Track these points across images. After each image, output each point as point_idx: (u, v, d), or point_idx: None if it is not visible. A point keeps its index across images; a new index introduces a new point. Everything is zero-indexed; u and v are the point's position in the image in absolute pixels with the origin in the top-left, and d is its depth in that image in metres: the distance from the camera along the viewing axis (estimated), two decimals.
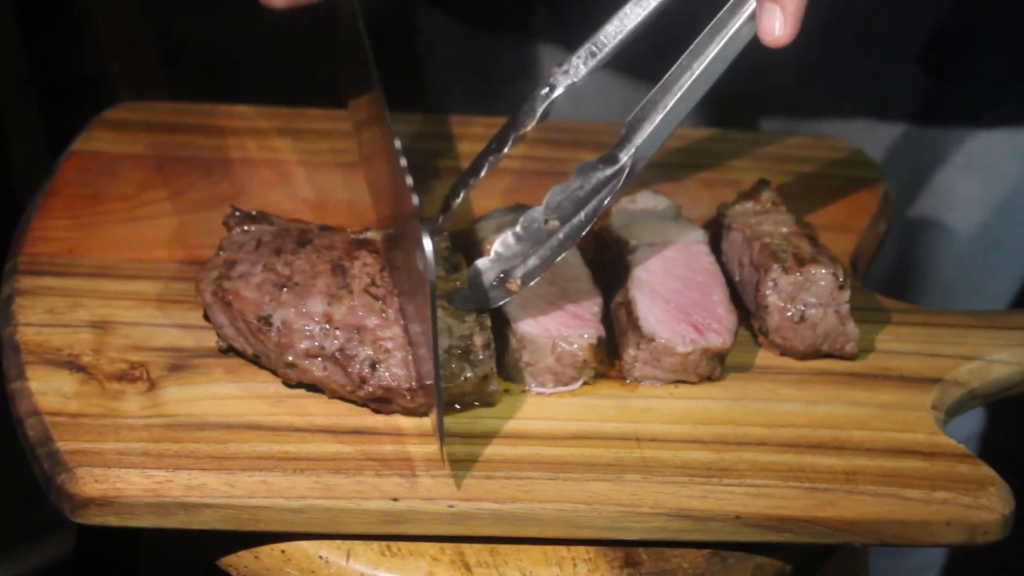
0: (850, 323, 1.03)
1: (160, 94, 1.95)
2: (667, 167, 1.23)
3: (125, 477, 0.90)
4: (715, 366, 1.01)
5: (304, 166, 1.18)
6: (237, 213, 1.05)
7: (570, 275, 1.04)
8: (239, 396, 0.97)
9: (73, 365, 0.98)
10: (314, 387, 0.98)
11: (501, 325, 1.00)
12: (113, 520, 0.90)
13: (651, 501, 0.93)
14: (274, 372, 0.98)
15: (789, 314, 1.03)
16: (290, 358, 0.96)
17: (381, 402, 0.96)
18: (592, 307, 1.02)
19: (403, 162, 0.92)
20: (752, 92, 1.34)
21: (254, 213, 1.05)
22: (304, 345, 0.96)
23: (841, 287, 1.03)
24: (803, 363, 1.04)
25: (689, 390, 1.01)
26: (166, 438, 0.93)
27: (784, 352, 1.04)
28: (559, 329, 0.99)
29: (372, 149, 1.08)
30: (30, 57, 1.95)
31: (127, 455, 0.91)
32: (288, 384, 0.98)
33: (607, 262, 1.06)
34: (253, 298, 0.98)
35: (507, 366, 1.00)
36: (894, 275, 1.40)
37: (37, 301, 1.02)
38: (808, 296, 1.03)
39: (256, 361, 0.99)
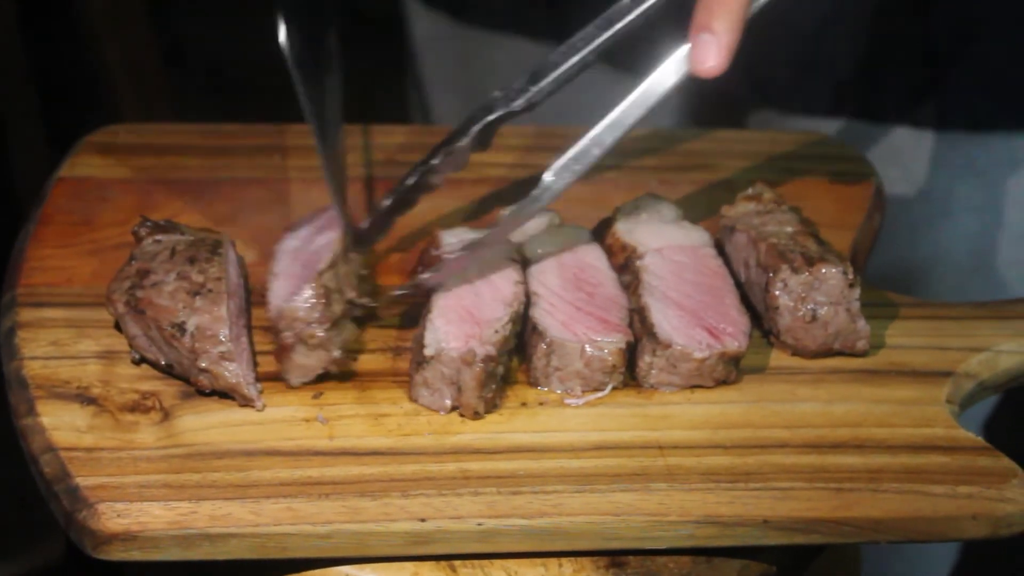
0: (860, 320, 1.03)
1: (162, 97, 1.92)
2: (660, 169, 1.23)
3: (148, 510, 0.89)
4: (731, 370, 1.00)
5: (298, 184, 1.17)
6: (148, 224, 1.03)
7: (596, 280, 1.03)
8: (255, 422, 0.96)
9: (83, 398, 0.96)
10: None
11: (529, 330, 1.00)
12: (137, 555, 0.89)
13: (679, 509, 0.92)
14: (186, 380, 0.97)
15: (800, 314, 1.03)
16: (203, 364, 0.95)
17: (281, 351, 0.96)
18: (619, 312, 1.01)
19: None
20: (746, 93, 1.34)
21: (163, 223, 1.03)
22: (219, 350, 0.95)
23: (851, 285, 1.03)
24: (815, 362, 1.04)
25: (706, 395, 1.00)
26: (186, 468, 0.91)
27: (796, 352, 1.04)
28: (588, 334, 0.99)
29: None
30: (31, 62, 1.92)
31: (148, 488, 0.90)
32: (202, 392, 0.97)
33: (615, 269, 1.06)
34: (167, 306, 0.97)
35: (536, 371, 0.99)
36: (895, 283, 1.39)
37: (40, 333, 1.00)
38: (818, 295, 1.03)
39: (168, 371, 0.98)
